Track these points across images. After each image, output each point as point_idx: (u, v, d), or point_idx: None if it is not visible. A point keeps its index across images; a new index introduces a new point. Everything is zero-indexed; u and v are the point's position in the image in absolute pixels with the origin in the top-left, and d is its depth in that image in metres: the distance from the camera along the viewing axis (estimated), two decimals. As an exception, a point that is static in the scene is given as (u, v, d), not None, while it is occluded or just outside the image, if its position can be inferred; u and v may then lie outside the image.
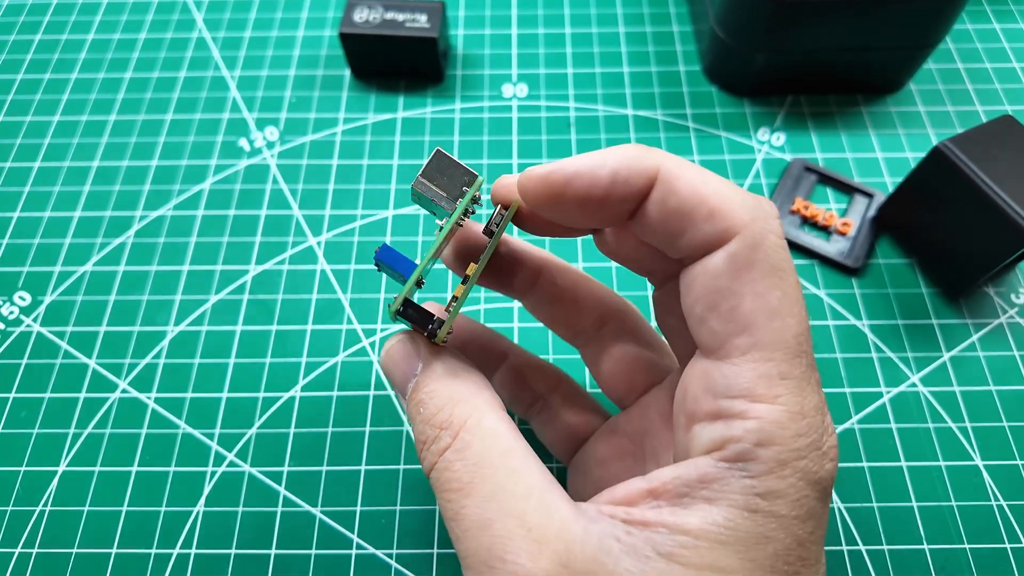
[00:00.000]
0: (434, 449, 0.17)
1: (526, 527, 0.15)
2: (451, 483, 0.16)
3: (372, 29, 0.36)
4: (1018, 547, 0.26)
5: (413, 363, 0.19)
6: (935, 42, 0.35)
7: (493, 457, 0.16)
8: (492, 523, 0.15)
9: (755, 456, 0.15)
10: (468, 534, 0.16)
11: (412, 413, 0.18)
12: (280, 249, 0.33)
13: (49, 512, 0.28)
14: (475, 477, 0.16)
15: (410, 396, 0.19)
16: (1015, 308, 0.31)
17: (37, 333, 0.31)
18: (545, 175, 0.17)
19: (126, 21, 0.41)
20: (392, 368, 0.19)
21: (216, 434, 0.29)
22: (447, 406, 0.18)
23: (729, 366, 0.16)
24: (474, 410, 0.17)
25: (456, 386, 0.18)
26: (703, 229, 0.16)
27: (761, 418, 0.15)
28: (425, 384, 0.18)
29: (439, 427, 0.17)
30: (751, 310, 0.15)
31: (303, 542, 0.27)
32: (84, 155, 0.36)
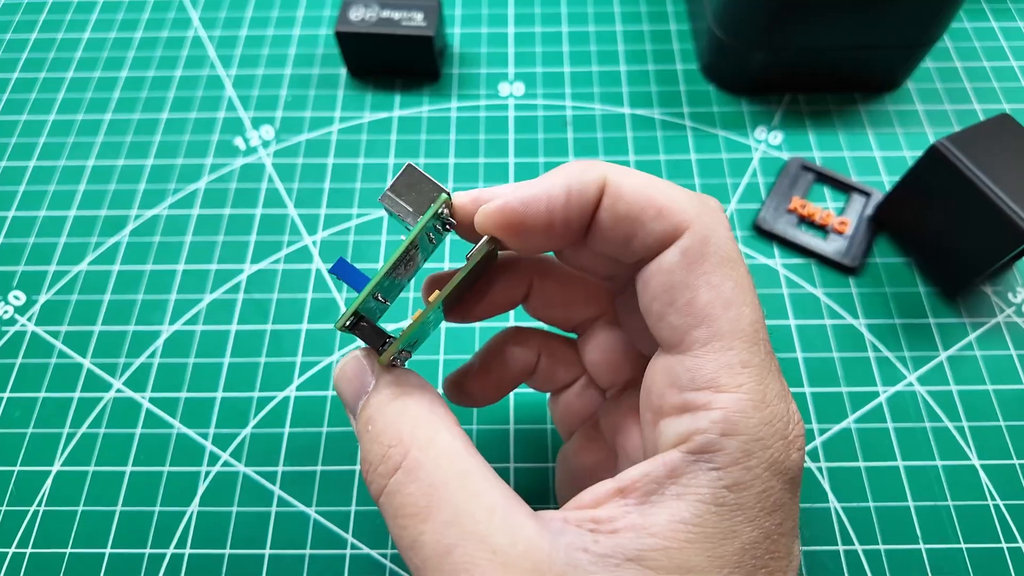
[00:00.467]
0: (382, 471, 0.16)
1: (491, 550, 0.14)
2: (405, 508, 0.15)
3: (368, 27, 0.36)
4: (1015, 547, 0.26)
5: (365, 380, 0.18)
6: (933, 40, 0.35)
7: (449, 478, 0.15)
8: (454, 549, 0.14)
9: (721, 447, 0.15)
10: (429, 563, 0.15)
11: (360, 432, 0.17)
12: (275, 248, 0.33)
13: (43, 512, 0.27)
14: (431, 500, 0.15)
15: (359, 414, 0.17)
16: (1012, 307, 0.31)
17: (32, 332, 0.31)
18: (502, 207, 0.17)
19: (122, 20, 0.41)
20: (344, 386, 0.18)
21: (211, 434, 0.29)
22: (396, 423, 0.17)
23: (691, 359, 0.16)
24: (427, 427, 0.16)
25: (408, 403, 0.17)
26: (653, 228, 0.16)
27: (725, 408, 0.15)
28: (374, 401, 0.17)
29: (387, 445, 0.16)
30: (707, 301, 0.16)
31: (298, 542, 0.27)
32: (79, 154, 0.36)
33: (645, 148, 0.36)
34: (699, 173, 0.35)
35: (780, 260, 0.33)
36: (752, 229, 0.34)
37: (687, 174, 0.35)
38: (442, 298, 0.17)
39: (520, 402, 0.30)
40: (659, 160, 0.36)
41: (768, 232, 0.33)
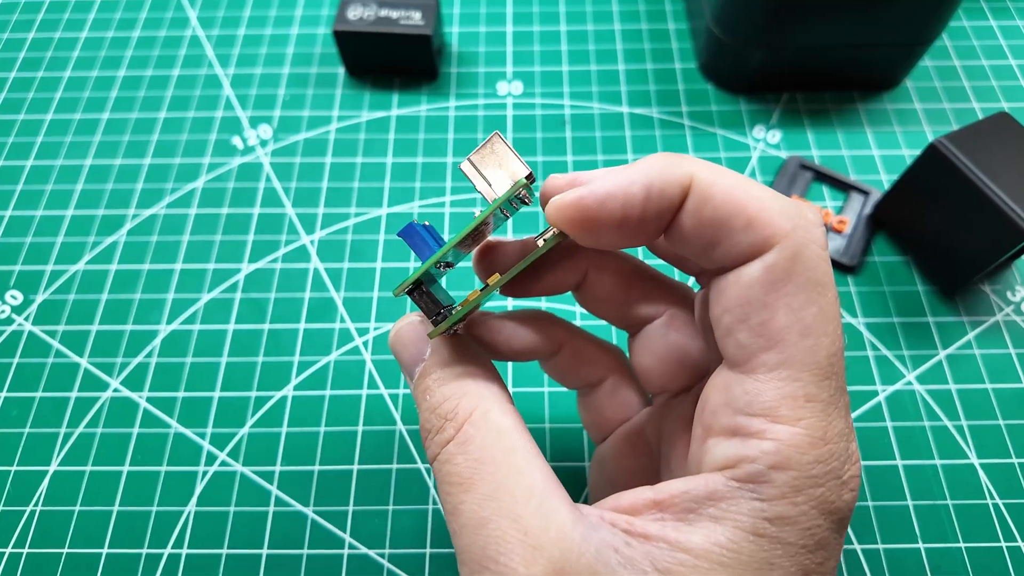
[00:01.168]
0: (437, 440, 0.17)
1: (523, 531, 0.15)
2: (452, 476, 0.16)
3: (366, 26, 0.36)
4: (1014, 545, 0.26)
5: (422, 347, 0.18)
6: (931, 39, 0.35)
7: (496, 454, 0.16)
8: (488, 522, 0.15)
9: (768, 479, 0.14)
10: (464, 531, 0.15)
11: (418, 399, 0.18)
12: (273, 247, 0.33)
13: (40, 512, 0.27)
14: (475, 473, 0.16)
15: (416, 381, 0.18)
16: (1011, 305, 0.31)
17: (29, 332, 0.31)
18: (576, 201, 0.16)
19: (119, 19, 0.41)
20: (400, 349, 0.19)
21: (208, 433, 0.29)
22: (452, 396, 0.17)
23: (752, 382, 0.15)
24: (480, 402, 0.17)
25: (464, 377, 0.18)
26: (740, 239, 0.15)
27: (779, 440, 0.14)
28: (432, 371, 0.18)
29: (444, 418, 0.17)
30: (783, 326, 0.15)
31: (295, 542, 0.27)
32: (77, 153, 0.36)
33: (643, 147, 0.36)
34: (697, 172, 0.35)
35: (779, 259, 0.33)
36: (751, 228, 0.33)
37: (685, 173, 0.35)
38: (501, 284, 0.17)
39: (555, 400, 0.30)
40: (657, 159, 0.35)
41: (767, 231, 0.33)
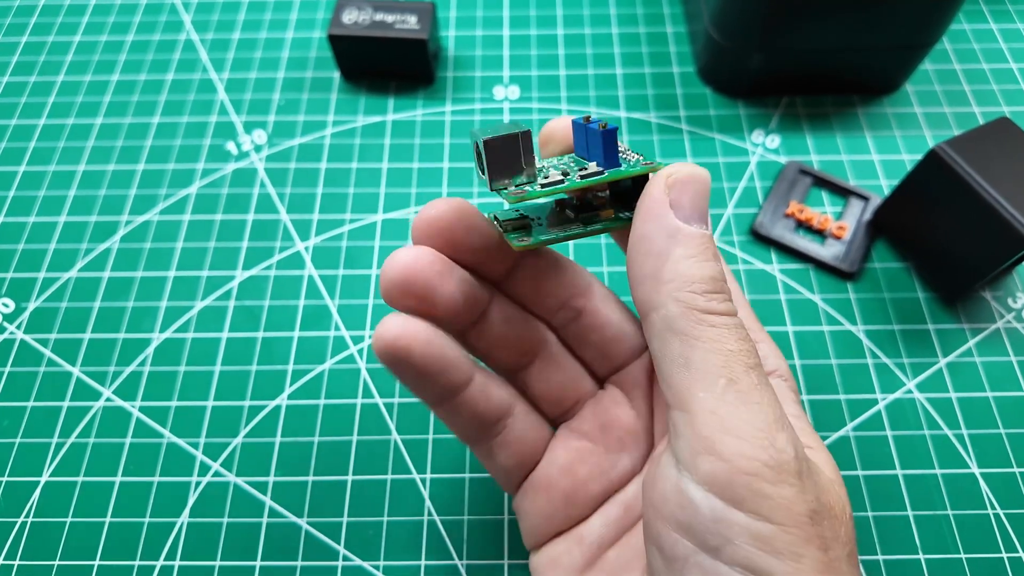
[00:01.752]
0: (727, 303, 0.17)
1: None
2: (732, 333, 0.16)
3: (361, 31, 0.36)
4: (1015, 556, 0.26)
5: (705, 204, 0.18)
6: (931, 42, 0.34)
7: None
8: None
9: (780, 365, 0.20)
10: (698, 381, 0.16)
11: (705, 252, 0.17)
12: (267, 254, 0.33)
13: (31, 523, 0.27)
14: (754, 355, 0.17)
15: (707, 237, 0.17)
16: (1012, 313, 0.31)
17: (20, 340, 0.31)
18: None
19: (113, 23, 0.41)
20: (689, 183, 0.17)
21: (201, 443, 0.29)
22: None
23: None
24: None
25: None
26: None
27: (767, 341, 0.21)
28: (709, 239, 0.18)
29: (726, 290, 0.17)
30: (728, 275, 0.19)
31: (289, 553, 0.26)
32: (70, 159, 0.36)
33: (641, 151, 0.35)
34: (696, 177, 0.35)
35: (777, 265, 0.32)
36: (749, 234, 0.33)
37: (684, 178, 0.35)
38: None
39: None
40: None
41: (765, 237, 0.33)
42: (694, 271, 0.16)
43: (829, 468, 0.18)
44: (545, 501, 0.21)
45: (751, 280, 0.32)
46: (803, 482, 0.15)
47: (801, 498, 0.15)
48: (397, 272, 0.18)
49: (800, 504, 0.15)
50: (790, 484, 0.15)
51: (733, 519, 0.15)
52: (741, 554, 0.14)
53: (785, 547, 0.14)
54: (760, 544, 0.14)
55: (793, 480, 0.15)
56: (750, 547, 0.14)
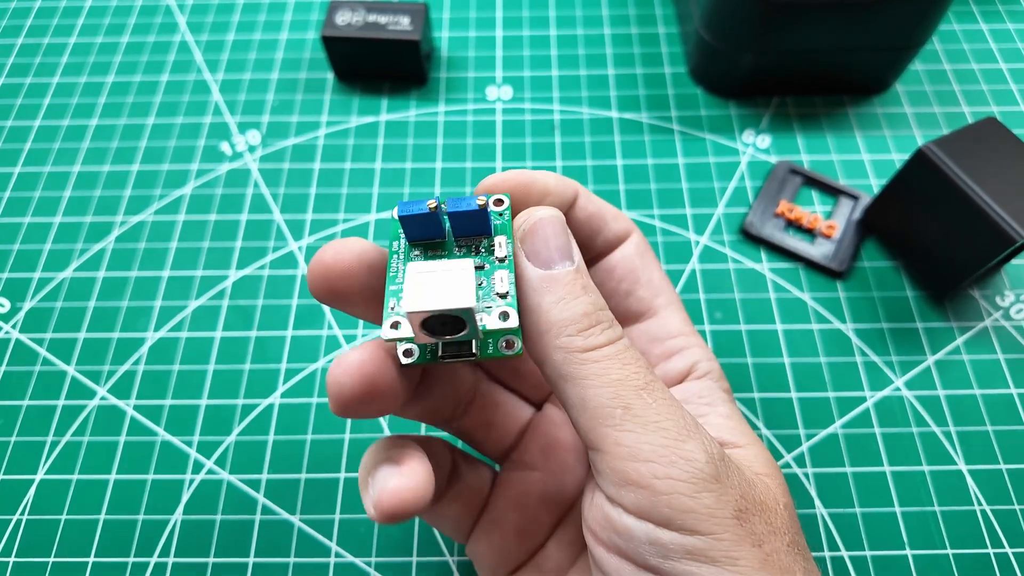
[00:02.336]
0: (608, 334, 0.17)
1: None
2: (633, 365, 0.16)
3: (354, 32, 0.36)
4: (1001, 552, 0.26)
5: (567, 241, 0.18)
6: (921, 42, 0.35)
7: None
8: (683, 411, 0.17)
9: (713, 368, 0.21)
10: (649, 409, 0.16)
11: (575, 290, 0.17)
12: (261, 254, 0.33)
13: (26, 521, 0.27)
14: (653, 379, 0.17)
15: (575, 271, 0.17)
16: (1000, 311, 0.31)
17: (16, 340, 0.31)
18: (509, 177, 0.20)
19: (108, 24, 0.41)
20: (548, 233, 0.17)
21: (195, 441, 0.29)
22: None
23: (660, 319, 0.22)
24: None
25: None
26: (613, 226, 0.21)
27: (699, 345, 0.22)
28: (581, 271, 0.18)
29: (610, 320, 0.17)
30: (659, 278, 0.22)
31: (282, 550, 0.27)
32: (64, 160, 0.36)
33: (633, 152, 0.36)
34: (687, 177, 0.35)
35: (767, 264, 0.33)
36: (739, 233, 0.33)
37: (675, 178, 0.35)
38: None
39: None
40: (647, 164, 0.35)
41: (755, 236, 0.33)
42: (564, 315, 0.16)
43: (760, 462, 0.19)
44: (499, 541, 0.21)
45: (741, 279, 0.32)
46: (722, 484, 0.15)
47: (723, 501, 0.15)
48: (346, 389, 0.17)
49: (723, 508, 0.15)
50: (709, 490, 0.15)
51: (667, 539, 0.15)
52: (680, 569, 0.15)
53: (720, 554, 0.15)
54: (697, 557, 0.15)
55: (711, 485, 0.15)
56: (688, 562, 0.15)
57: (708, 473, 0.15)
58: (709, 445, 0.16)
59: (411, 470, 0.17)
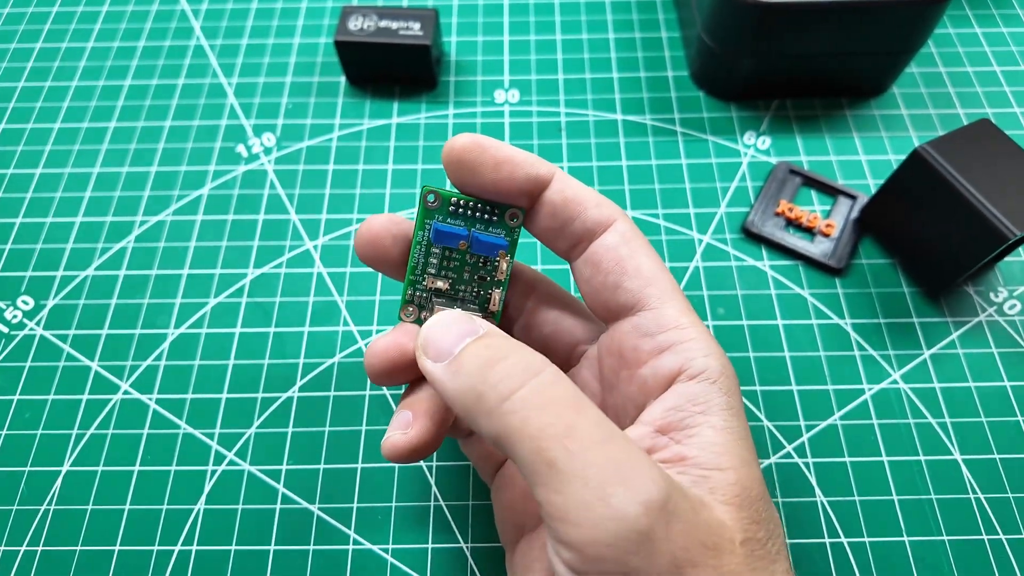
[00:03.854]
0: (535, 384, 0.16)
1: (639, 451, 0.16)
2: (561, 401, 0.16)
3: (366, 37, 0.37)
4: (995, 538, 0.27)
5: (467, 325, 0.19)
6: (917, 46, 0.36)
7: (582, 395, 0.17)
8: (612, 439, 0.16)
9: (710, 366, 0.19)
10: (585, 449, 0.15)
11: (489, 359, 0.17)
12: (278, 253, 0.34)
13: (53, 511, 0.28)
14: (581, 400, 0.16)
15: (481, 342, 0.18)
16: (994, 306, 0.32)
17: (40, 336, 0.32)
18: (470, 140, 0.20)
19: (125, 29, 0.42)
20: (439, 334, 0.19)
21: (216, 434, 0.30)
22: (529, 352, 0.18)
23: (653, 311, 0.19)
24: (548, 365, 0.17)
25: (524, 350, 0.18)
26: (593, 213, 0.20)
27: (697, 339, 0.19)
28: (495, 334, 0.18)
29: (532, 370, 0.17)
30: (650, 267, 0.20)
31: (301, 538, 0.28)
32: (85, 161, 0.37)
33: (637, 153, 0.37)
34: (689, 178, 0.36)
35: (768, 262, 0.34)
36: (741, 232, 0.34)
37: (678, 179, 0.36)
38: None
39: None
40: (651, 165, 0.36)
41: (756, 235, 0.34)
42: (467, 378, 0.17)
43: (733, 489, 0.17)
44: (508, 499, 0.22)
45: (743, 276, 0.33)
46: (655, 541, 0.14)
47: (656, 562, 0.14)
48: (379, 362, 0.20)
49: (657, 568, 0.14)
50: (638, 552, 0.14)
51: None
52: None
53: None
54: None
55: (642, 547, 0.14)
56: None
57: (639, 530, 0.14)
58: (648, 488, 0.15)
59: (414, 427, 0.20)
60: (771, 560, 0.16)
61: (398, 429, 0.20)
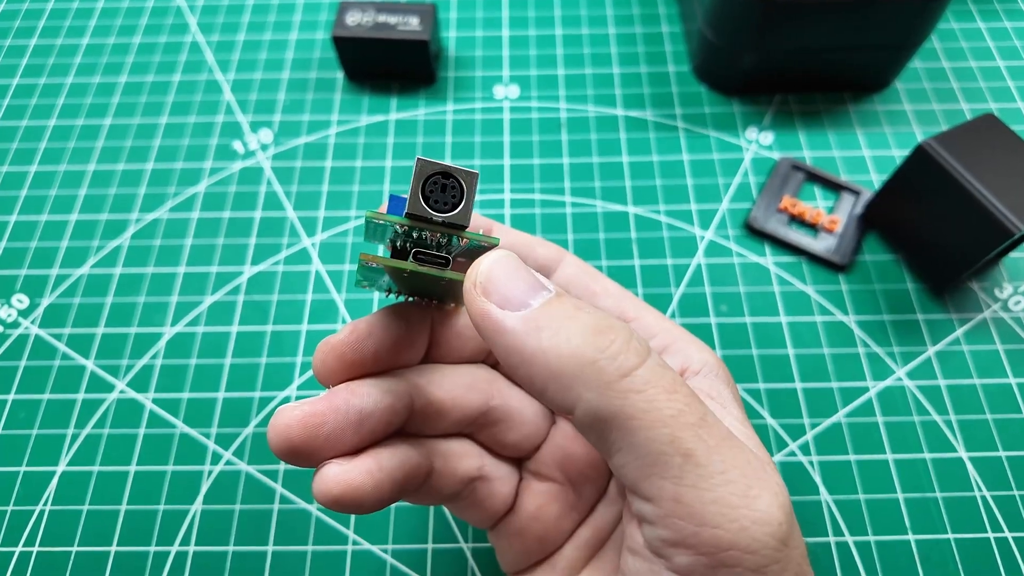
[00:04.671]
0: (638, 349, 0.14)
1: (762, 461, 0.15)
2: (669, 382, 0.14)
3: (364, 32, 0.36)
4: (1000, 536, 0.27)
5: (530, 279, 0.15)
6: (920, 41, 0.35)
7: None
8: (737, 440, 0.14)
9: (707, 360, 0.19)
10: (722, 442, 0.14)
11: (572, 312, 0.15)
12: (275, 250, 0.34)
13: (49, 512, 0.28)
14: (695, 399, 0.14)
15: (556, 300, 0.15)
16: (998, 303, 0.32)
17: (35, 335, 0.32)
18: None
19: (120, 26, 0.42)
20: (502, 282, 0.15)
21: (213, 433, 0.29)
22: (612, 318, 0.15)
23: (636, 322, 0.20)
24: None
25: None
26: (541, 251, 0.21)
27: (684, 338, 0.20)
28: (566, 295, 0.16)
29: (628, 333, 0.15)
30: (615, 287, 0.21)
31: (300, 538, 0.27)
32: (80, 159, 0.37)
33: (638, 149, 0.37)
34: (691, 173, 0.36)
35: (771, 258, 0.33)
36: (743, 228, 0.34)
37: (679, 174, 0.36)
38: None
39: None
40: (652, 161, 0.36)
41: (759, 231, 0.34)
42: (573, 341, 0.14)
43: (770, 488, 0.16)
44: (519, 545, 0.21)
45: (746, 273, 0.33)
46: (789, 547, 0.14)
47: (787, 569, 0.13)
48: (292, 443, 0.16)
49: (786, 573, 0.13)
50: (777, 560, 0.13)
51: None
52: None
53: None
54: None
55: (780, 553, 0.13)
56: None
57: (780, 537, 0.13)
58: (781, 492, 0.14)
59: (363, 462, 0.16)
60: None
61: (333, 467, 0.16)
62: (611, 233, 0.34)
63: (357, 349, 0.17)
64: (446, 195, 0.16)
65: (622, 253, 0.33)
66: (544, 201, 0.35)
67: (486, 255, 0.16)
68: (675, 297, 0.32)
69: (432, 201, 0.16)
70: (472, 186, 0.16)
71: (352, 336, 0.17)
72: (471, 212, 0.16)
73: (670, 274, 0.33)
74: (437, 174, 0.16)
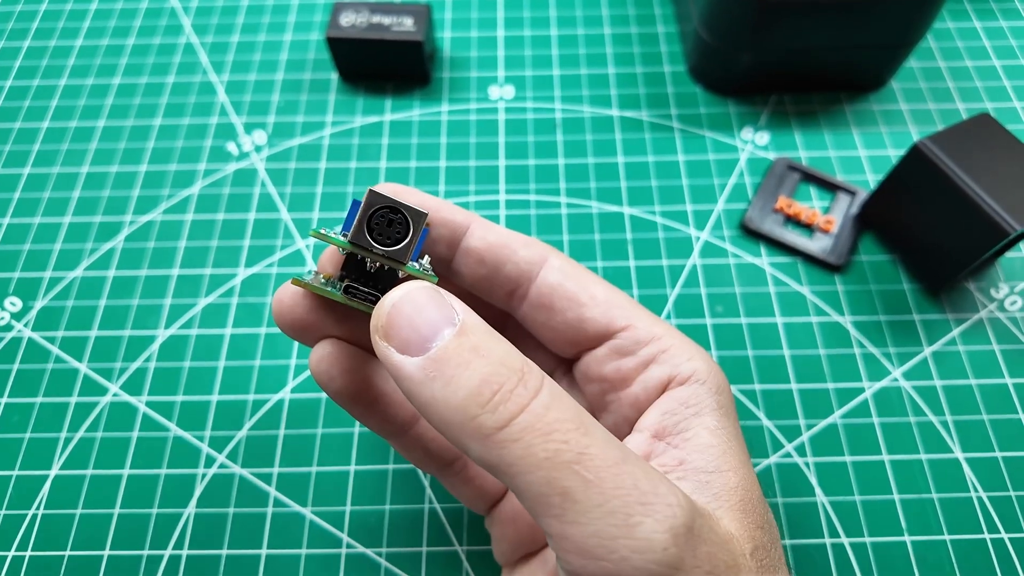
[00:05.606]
0: (521, 391, 0.14)
1: (653, 468, 0.15)
2: (563, 423, 0.14)
3: (358, 33, 0.36)
4: (997, 537, 0.27)
5: (447, 311, 0.15)
6: (916, 40, 0.35)
7: (582, 410, 0.15)
8: (626, 460, 0.14)
9: (696, 368, 0.19)
10: (603, 471, 0.14)
11: (467, 358, 0.15)
12: (269, 252, 0.34)
13: (42, 515, 0.28)
14: (585, 419, 0.14)
15: (457, 339, 0.15)
16: (994, 303, 0.32)
17: (28, 338, 0.32)
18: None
19: (114, 27, 0.42)
20: (412, 313, 0.15)
21: (207, 436, 0.29)
22: (515, 352, 0.15)
23: (625, 332, 0.19)
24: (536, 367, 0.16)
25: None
26: (524, 254, 0.20)
27: (676, 345, 0.19)
28: (479, 327, 0.15)
29: (518, 370, 0.15)
30: (603, 291, 0.20)
31: (294, 542, 0.27)
32: (73, 161, 0.37)
33: (633, 150, 0.36)
34: (687, 174, 0.36)
35: (767, 259, 0.33)
36: (739, 229, 0.34)
37: (675, 175, 0.36)
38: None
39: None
40: (647, 161, 0.36)
41: (755, 231, 0.34)
42: (459, 395, 0.14)
43: (737, 493, 0.16)
44: (512, 532, 0.21)
45: (741, 273, 0.33)
46: (685, 570, 0.13)
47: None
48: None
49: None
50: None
51: None
52: None
53: None
54: None
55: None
56: None
57: (667, 563, 0.13)
58: (672, 513, 0.14)
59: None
60: (775, 569, 0.16)
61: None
62: (607, 234, 0.34)
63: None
64: (392, 229, 0.16)
65: (618, 254, 0.33)
66: (539, 202, 0.35)
67: (392, 291, 0.16)
68: (671, 298, 0.32)
69: (376, 234, 0.16)
70: (419, 224, 0.16)
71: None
72: (414, 249, 0.17)
73: (666, 275, 0.33)
74: (385, 208, 0.16)
